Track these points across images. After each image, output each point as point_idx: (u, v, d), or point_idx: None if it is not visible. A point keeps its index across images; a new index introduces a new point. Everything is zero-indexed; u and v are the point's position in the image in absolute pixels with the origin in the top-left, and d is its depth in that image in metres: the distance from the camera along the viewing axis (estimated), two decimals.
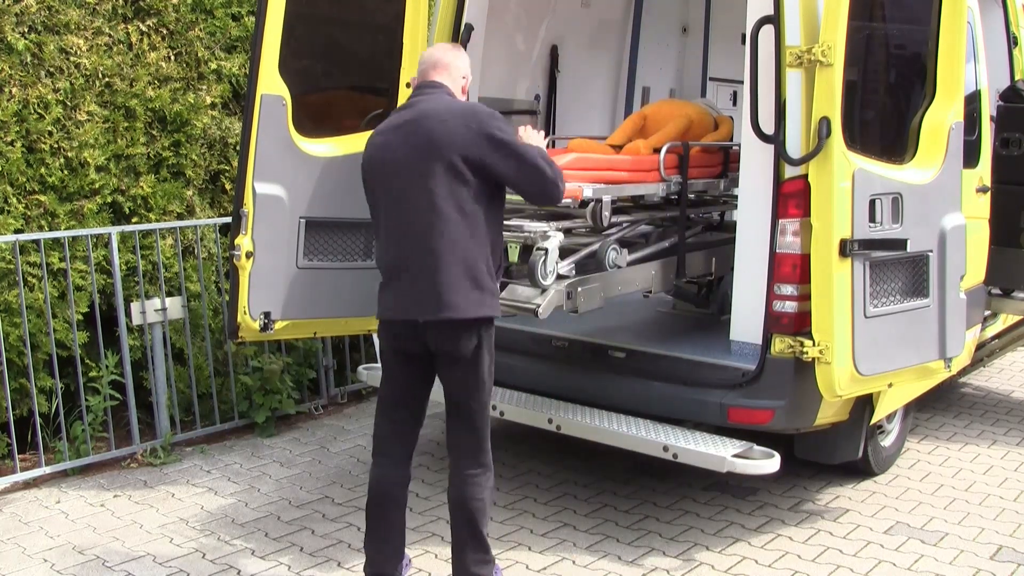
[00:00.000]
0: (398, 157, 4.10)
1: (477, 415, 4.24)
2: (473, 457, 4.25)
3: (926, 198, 4.90)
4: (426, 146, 4.02)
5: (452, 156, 3.99)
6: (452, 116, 4.04)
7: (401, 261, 4.14)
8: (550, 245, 4.73)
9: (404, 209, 4.10)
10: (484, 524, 4.26)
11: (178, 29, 6.53)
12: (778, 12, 4.61)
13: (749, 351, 5.00)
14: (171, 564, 4.80)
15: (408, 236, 4.10)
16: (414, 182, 4.05)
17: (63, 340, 5.93)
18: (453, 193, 4.01)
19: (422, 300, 4.06)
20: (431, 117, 4.06)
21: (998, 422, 6.96)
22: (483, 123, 4.04)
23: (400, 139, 4.11)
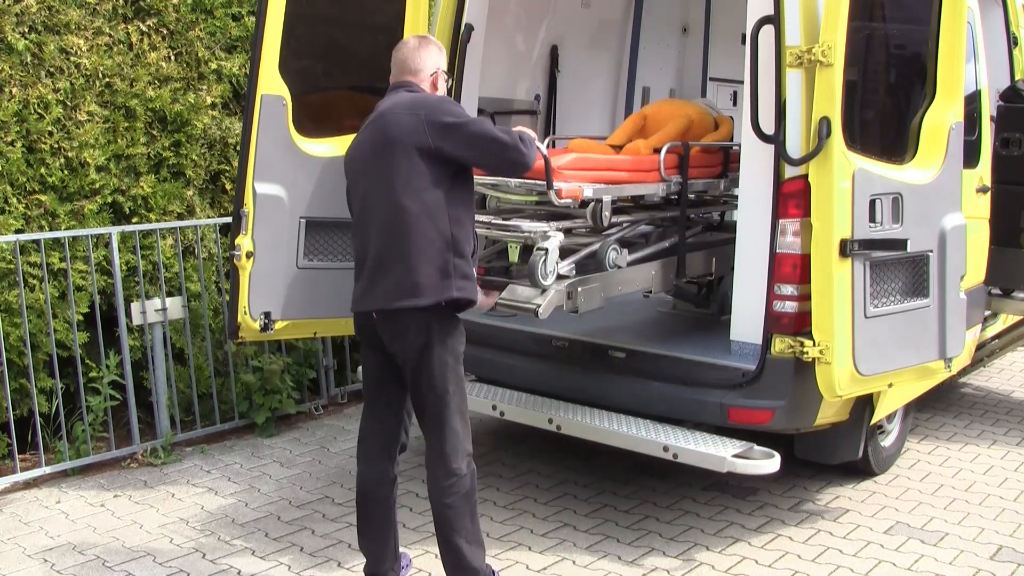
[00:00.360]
0: (364, 155, 4.18)
1: (436, 420, 4.13)
2: (439, 464, 4.15)
3: (926, 198, 4.90)
4: (384, 141, 4.08)
5: (408, 148, 4.02)
6: (403, 110, 4.09)
7: (363, 254, 4.17)
8: (550, 245, 4.72)
9: (368, 205, 4.16)
10: (456, 533, 4.14)
11: (178, 29, 6.53)
12: (778, 12, 4.61)
13: (749, 351, 5.00)
14: (171, 564, 4.80)
15: (370, 230, 4.13)
16: (375, 178, 4.11)
17: (63, 340, 5.93)
18: (411, 185, 4.01)
19: (376, 290, 4.09)
20: (387, 114, 4.13)
21: (998, 422, 6.96)
22: (431, 111, 4.05)
23: (365, 137, 4.21)
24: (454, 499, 4.12)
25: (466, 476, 4.16)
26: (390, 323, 4.10)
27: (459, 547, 4.15)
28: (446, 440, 4.13)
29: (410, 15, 5.59)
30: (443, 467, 4.13)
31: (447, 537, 4.16)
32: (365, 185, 4.17)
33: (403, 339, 4.08)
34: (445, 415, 4.12)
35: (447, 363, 4.10)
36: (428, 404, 4.14)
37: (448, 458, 4.12)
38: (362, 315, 4.23)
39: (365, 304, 4.16)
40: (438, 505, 4.15)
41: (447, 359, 4.10)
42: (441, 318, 4.08)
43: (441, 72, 4.35)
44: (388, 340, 4.15)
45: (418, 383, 4.13)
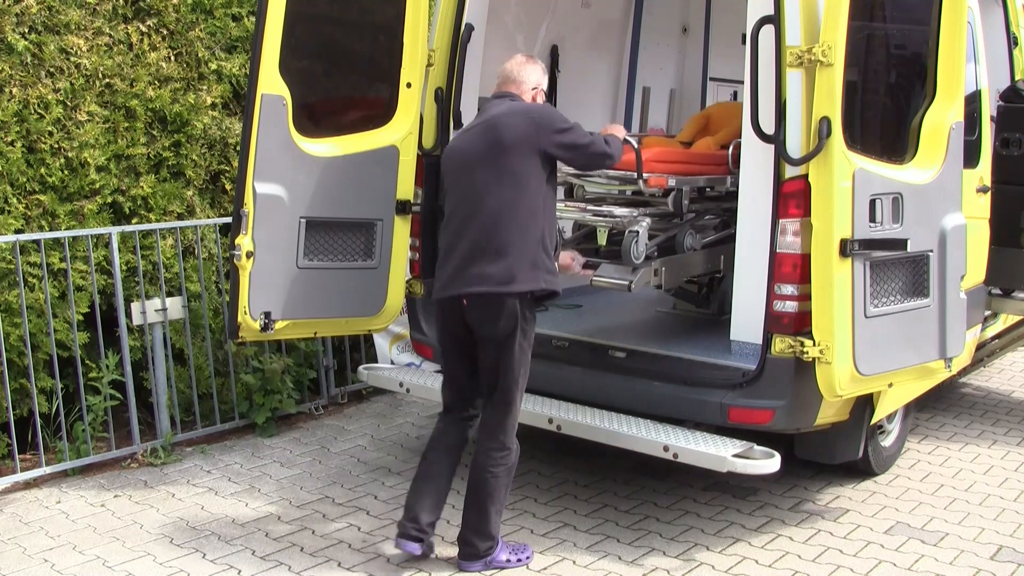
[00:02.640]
0: (475, 153, 4.55)
1: (499, 396, 4.59)
2: (493, 436, 4.60)
3: (926, 198, 4.90)
4: (498, 141, 4.50)
5: (521, 149, 4.48)
6: (518, 115, 4.56)
7: (455, 243, 4.56)
8: (641, 228, 5.28)
9: (470, 198, 4.54)
10: (490, 500, 4.58)
11: (178, 29, 6.53)
12: (778, 12, 4.61)
13: (749, 351, 5.00)
14: (171, 564, 4.80)
15: (470, 222, 4.52)
16: (485, 174, 4.50)
17: (63, 340, 5.93)
18: (519, 183, 4.47)
19: (469, 276, 4.48)
20: (501, 118, 4.56)
21: (998, 422, 6.96)
22: (545, 117, 4.58)
23: (475, 137, 4.60)
24: (500, 470, 4.58)
25: (514, 452, 4.63)
26: (482, 307, 4.50)
27: (489, 514, 4.61)
28: (507, 416, 4.59)
29: (410, 15, 5.60)
30: (498, 440, 4.58)
31: (482, 502, 4.60)
32: (470, 180, 4.55)
33: (494, 322, 4.49)
34: (513, 394, 4.59)
35: (524, 348, 4.58)
36: (500, 382, 4.57)
37: (506, 432, 4.59)
38: (449, 299, 4.59)
39: (456, 288, 4.52)
40: (483, 471, 4.58)
41: (524, 345, 4.57)
42: (527, 307, 4.53)
43: (541, 89, 4.82)
44: (477, 323, 4.55)
45: (496, 362, 4.56)
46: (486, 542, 4.66)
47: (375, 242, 5.59)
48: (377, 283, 5.62)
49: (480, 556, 4.67)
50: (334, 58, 5.80)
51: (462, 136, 4.77)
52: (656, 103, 7.96)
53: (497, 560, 4.71)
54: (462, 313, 4.56)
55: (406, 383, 5.86)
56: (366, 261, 5.57)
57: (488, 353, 4.57)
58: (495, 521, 4.64)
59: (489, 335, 4.54)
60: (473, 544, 4.66)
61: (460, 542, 4.71)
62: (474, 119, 4.78)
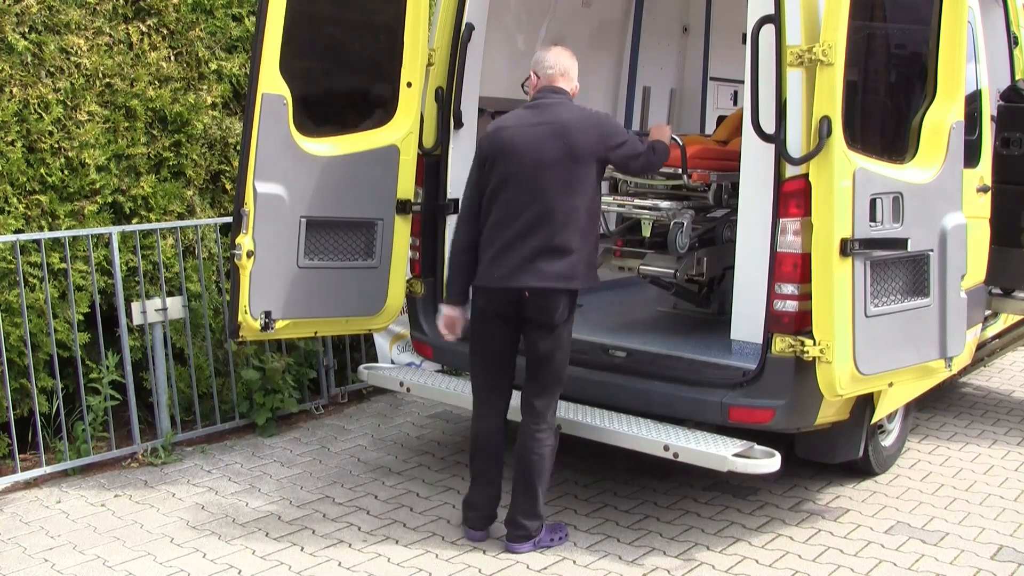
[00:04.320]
0: (544, 155, 4.69)
1: (550, 378, 4.83)
2: (539, 416, 4.83)
3: (927, 197, 4.90)
4: (569, 148, 4.68)
5: (589, 158, 4.71)
6: (590, 126, 4.77)
7: (511, 238, 4.70)
8: (685, 220, 5.62)
9: (533, 194, 4.68)
10: (539, 480, 4.82)
11: (179, 29, 6.53)
12: (779, 11, 4.61)
13: (750, 350, 5.00)
14: (172, 564, 4.80)
15: (537, 219, 4.67)
16: (555, 177, 4.67)
17: (64, 340, 5.93)
18: (578, 187, 4.68)
19: (531, 272, 4.67)
20: (574, 124, 4.74)
21: (999, 422, 6.96)
22: (608, 129, 4.85)
23: (546, 138, 4.72)
24: (546, 451, 4.83)
25: (554, 432, 4.90)
26: (544, 300, 4.71)
27: (538, 494, 4.84)
28: (552, 398, 4.87)
29: (411, 15, 5.60)
30: (547, 421, 4.85)
31: (531, 483, 4.81)
32: (540, 181, 4.68)
33: (551, 313, 4.72)
34: (560, 377, 4.86)
35: (569, 337, 4.89)
36: (549, 367, 4.82)
37: (549, 412, 4.86)
38: (504, 290, 4.76)
39: (520, 282, 4.69)
40: (531, 454, 4.81)
41: (570, 333, 4.89)
42: (575, 299, 4.84)
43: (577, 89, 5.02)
44: (537, 313, 4.75)
45: (547, 350, 4.79)
46: (536, 522, 4.88)
47: (375, 242, 5.59)
48: (377, 283, 5.63)
49: (531, 536, 4.88)
50: (335, 57, 5.81)
51: (524, 131, 4.77)
52: (656, 103, 7.96)
53: (543, 542, 4.93)
54: (520, 304, 4.75)
55: (406, 383, 5.86)
56: (366, 261, 5.58)
57: (543, 340, 4.78)
58: (542, 501, 4.88)
59: (546, 323, 4.75)
60: (524, 526, 4.86)
61: (510, 525, 4.90)
62: (532, 112, 4.82)
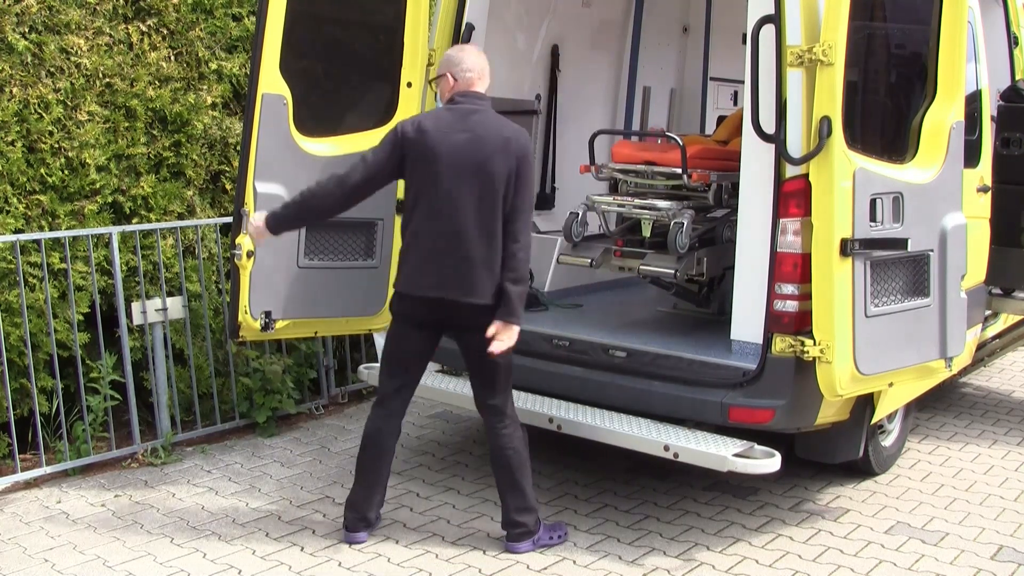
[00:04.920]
0: (459, 164, 4.59)
1: (499, 376, 4.81)
2: (500, 412, 4.83)
3: (927, 197, 4.90)
4: (486, 160, 4.58)
5: (501, 173, 4.58)
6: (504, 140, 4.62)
7: (439, 245, 4.64)
8: (685, 219, 5.59)
9: (455, 202, 4.60)
10: (521, 475, 4.83)
11: (179, 29, 6.53)
12: (779, 11, 4.61)
13: (750, 350, 5.00)
14: (172, 564, 4.80)
15: (452, 226, 4.60)
16: (471, 182, 4.58)
17: (64, 340, 5.93)
18: (492, 199, 4.58)
19: (459, 282, 4.62)
20: (494, 133, 4.64)
21: (999, 422, 6.96)
22: (525, 151, 4.68)
23: (462, 144, 4.61)
24: (517, 443, 4.84)
25: (518, 424, 4.89)
26: (469, 312, 4.67)
27: (525, 488, 4.85)
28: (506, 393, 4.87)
29: (411, 15, 5.60)
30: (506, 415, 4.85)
31: (514, 480, 4.83)
32: (453, 184, 4.60)
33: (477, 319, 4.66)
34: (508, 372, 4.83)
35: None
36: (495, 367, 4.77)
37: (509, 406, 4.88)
38: (427, 300, 4.72)
39: (441, 291, 4.66)
40: (503, 451, 4.83)
41: None
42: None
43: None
44: (461, 319, 4.72)
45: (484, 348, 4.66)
46: (531, 515, 4.89)
47: (375, 241, 5.59)
48: (377, 283, 5.63)
49: (531, 531, 4.89)
50: (335, 57, 5.81)
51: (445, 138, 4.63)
52: (657, 103, 7.96)
53: (543, 540, 4.93)
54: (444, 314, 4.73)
55: None
56: (366, 260, 5.58)
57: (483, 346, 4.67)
58: (531, 493, 4.88)
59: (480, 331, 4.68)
60: (520, 523, 4.88)
61: (508, 526, 4.91)
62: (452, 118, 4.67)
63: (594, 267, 6.02)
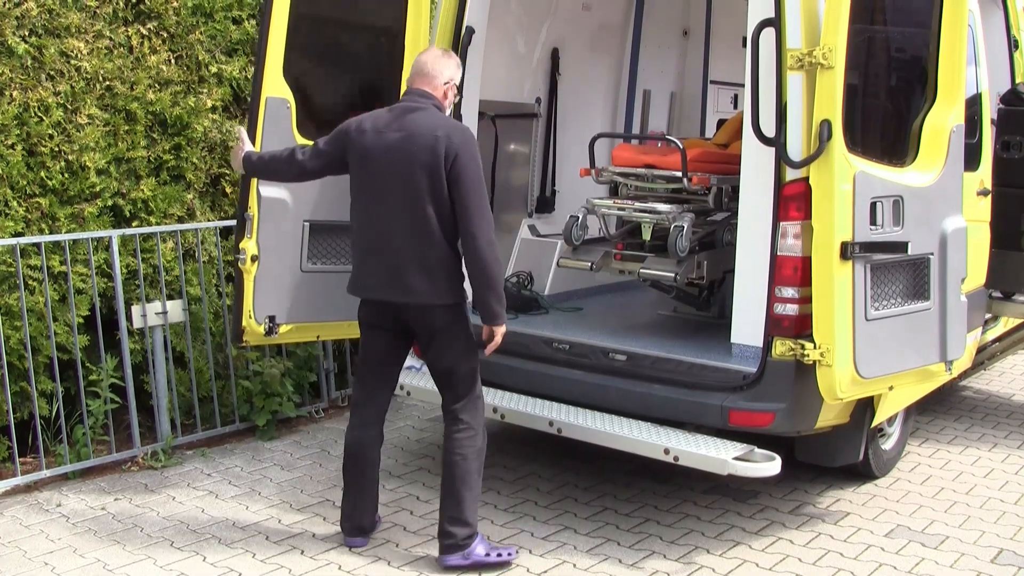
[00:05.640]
0: (389, 163, 4.54)
1: (462, 386, 4.72)
2: (456, 418, 4.72)
3: (927, 201, 4.90)
4: (412, 159, 4.48)
5: (433, 169, 4.46)
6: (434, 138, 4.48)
7: (377, 246, 4.60)
8: (685, 223, 5.56)
9: (386, 202, 4.55)
10: (463, 484, 4.65)
11: (179, 32, 6.53)
12: (779, 15, 4.61)
13: (750, 354, 5.00)
14: (172, 567, 4.80)
15: (385, 226, 4.57)
16: (401, 181, 4.51)
17: (64, 343, 5.93)
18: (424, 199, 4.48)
19: (396, 284, 4.58)
20: (426, 131, 4.50)
21: (999, 425, 6.96)
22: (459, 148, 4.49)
23: (393, 143, 4.55)
24: (468, 451, 4.68)
25: (481, 434, 4.75)
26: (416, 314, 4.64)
27: (464, 500, 4.67)
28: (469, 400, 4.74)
29: (411, 18, 5.60)
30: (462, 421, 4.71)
31: (454, 488, 4.67)
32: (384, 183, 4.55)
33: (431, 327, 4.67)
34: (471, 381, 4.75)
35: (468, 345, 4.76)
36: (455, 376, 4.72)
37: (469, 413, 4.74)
38: (377, 302, 4.71)
39: (384, 294, 4.64)
40: (450, 455, 4.68)
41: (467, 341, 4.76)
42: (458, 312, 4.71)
43: (453, 84, 4.76)
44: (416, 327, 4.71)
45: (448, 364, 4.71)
46: (464, 529, 4.67)
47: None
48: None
49: (459, 546, 4.66)
50: (337, 61, 5.81)
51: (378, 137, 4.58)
52: (657, 106, 7.97)
53: (475, 554, 4.69)
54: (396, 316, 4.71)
55: (406, 386, 5.84)
56: None
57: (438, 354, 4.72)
58: (471, 508, 4.68)
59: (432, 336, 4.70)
60: (450, 533, 4.68)
61: (440, 536, 4.73)
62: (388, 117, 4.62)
63: (594, 271, 6.02)
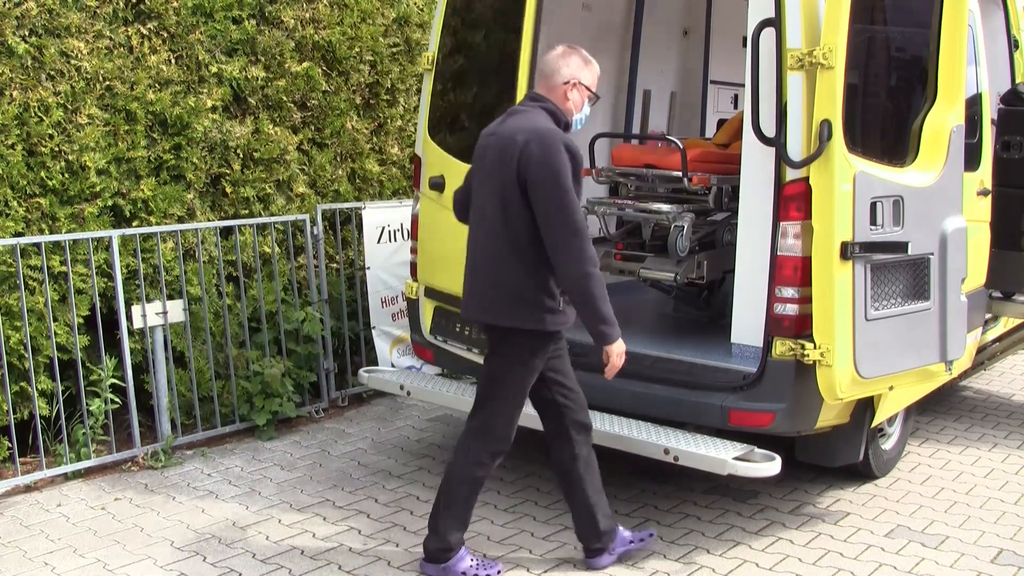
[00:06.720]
0: (485, 169, 4.38)
1: (486, 404, 4.54)
2: (474, 436, 4.56)
3: (927, 201, 4.90)
4: (504, 165, 4.24)
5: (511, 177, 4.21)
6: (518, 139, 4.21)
7: (471, 258, 4.49)
8: (685, 223, 5.61)
9: (481, 212, 4.41)
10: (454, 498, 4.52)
11: (179, 32, 6.53)
12: (779, 15, 4.61)
13: (750, 354, 5.00)
14: (172, 567, 4.80)
15: (482, 240, 4.40)
16: (482, 189, 4.40)
17: (64, 343, 5.93)
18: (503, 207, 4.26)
19: (478, 300, 4.46)
20: (511, 135, 4.25)
21: (999, 425, 6.96)
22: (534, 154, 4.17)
23: (493, 147, 4.35)
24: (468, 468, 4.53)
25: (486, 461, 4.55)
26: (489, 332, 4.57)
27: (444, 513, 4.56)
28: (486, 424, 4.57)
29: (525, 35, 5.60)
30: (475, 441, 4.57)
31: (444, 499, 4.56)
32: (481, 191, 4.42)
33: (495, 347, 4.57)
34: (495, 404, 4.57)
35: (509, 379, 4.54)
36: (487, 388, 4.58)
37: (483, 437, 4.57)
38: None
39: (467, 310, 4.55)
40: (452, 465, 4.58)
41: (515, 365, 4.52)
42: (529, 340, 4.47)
43: (576, 83, 4.43)
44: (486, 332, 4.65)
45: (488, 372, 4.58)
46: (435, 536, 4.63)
47: None
48: None
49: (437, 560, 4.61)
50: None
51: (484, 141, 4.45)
52: (657, 106, 7.96)
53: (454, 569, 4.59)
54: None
55: (407, 386, 5.86)
56: None
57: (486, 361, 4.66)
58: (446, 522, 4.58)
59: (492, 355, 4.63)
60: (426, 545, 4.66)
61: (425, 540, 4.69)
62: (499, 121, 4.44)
63: None
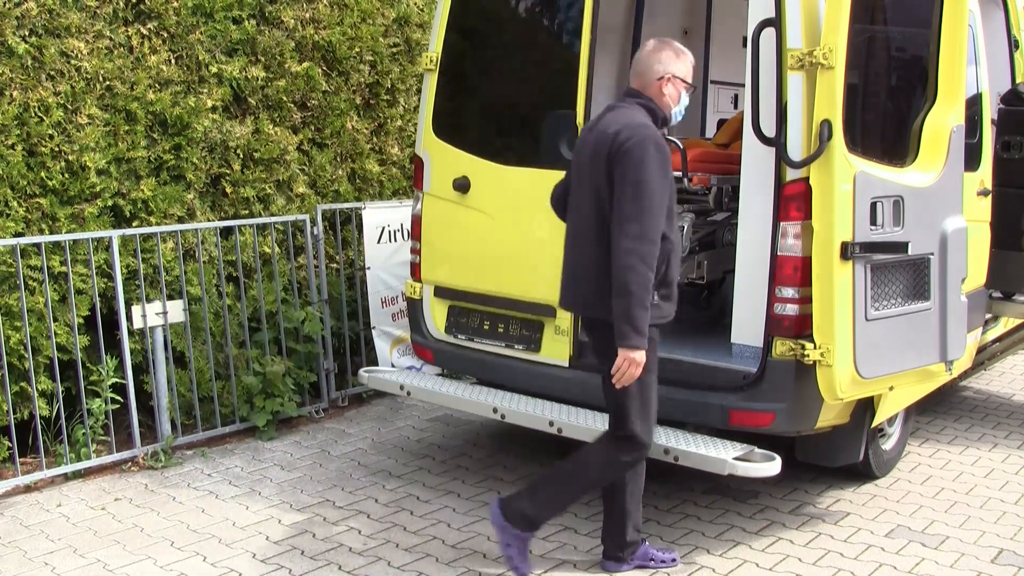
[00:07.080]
0: (580, 164, 4.45)
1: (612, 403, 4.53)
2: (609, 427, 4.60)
3: (927, 201, 4.90)
4: (594, 159, 4.31)
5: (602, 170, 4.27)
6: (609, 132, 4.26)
7: (567, 252, 4.53)
8: (685, 223, 5.54)
9: (576, 206, 4.48)
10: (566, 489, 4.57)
11: (179, 32, 6.53)
12: (779, 15, 4.61)
13: (750, 354, 4.99)
14: (172, 568, 4.80)
15: (573, 231, 4.50)
16: (577, 183, 4.47)
17: (64, 343, 5.93)
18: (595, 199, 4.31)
19: (565, 291, 4.57)
20: (605, 129, 4.30)
21: (999, 425, 6.96)
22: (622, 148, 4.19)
23: (587, 142, 4.43)
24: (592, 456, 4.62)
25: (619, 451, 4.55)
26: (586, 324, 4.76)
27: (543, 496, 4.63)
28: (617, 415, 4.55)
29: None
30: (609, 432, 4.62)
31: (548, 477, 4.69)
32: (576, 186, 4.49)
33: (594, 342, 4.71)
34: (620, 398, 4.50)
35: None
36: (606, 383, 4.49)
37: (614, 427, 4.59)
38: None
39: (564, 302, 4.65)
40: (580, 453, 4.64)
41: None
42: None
43: (671, 77, 4.41)
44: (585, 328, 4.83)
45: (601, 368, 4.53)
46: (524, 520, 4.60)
47: None
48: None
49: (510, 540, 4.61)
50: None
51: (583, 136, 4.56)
52: None
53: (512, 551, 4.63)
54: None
55: (407, 386, 5.85)
56: None
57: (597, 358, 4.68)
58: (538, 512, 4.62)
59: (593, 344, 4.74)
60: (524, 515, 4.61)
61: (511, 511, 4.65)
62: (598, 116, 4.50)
63: None
